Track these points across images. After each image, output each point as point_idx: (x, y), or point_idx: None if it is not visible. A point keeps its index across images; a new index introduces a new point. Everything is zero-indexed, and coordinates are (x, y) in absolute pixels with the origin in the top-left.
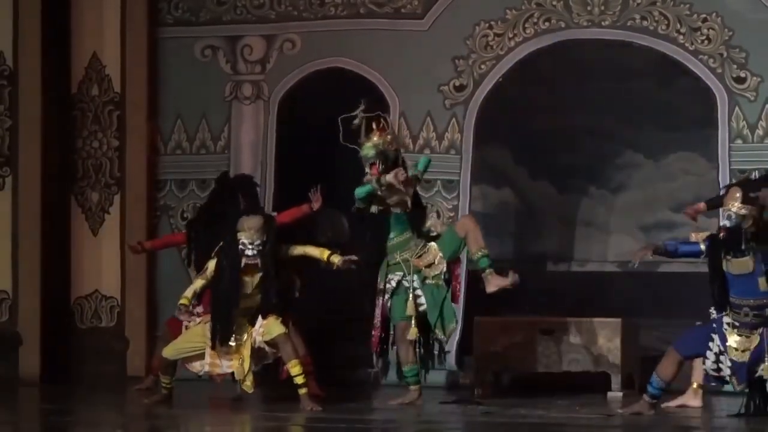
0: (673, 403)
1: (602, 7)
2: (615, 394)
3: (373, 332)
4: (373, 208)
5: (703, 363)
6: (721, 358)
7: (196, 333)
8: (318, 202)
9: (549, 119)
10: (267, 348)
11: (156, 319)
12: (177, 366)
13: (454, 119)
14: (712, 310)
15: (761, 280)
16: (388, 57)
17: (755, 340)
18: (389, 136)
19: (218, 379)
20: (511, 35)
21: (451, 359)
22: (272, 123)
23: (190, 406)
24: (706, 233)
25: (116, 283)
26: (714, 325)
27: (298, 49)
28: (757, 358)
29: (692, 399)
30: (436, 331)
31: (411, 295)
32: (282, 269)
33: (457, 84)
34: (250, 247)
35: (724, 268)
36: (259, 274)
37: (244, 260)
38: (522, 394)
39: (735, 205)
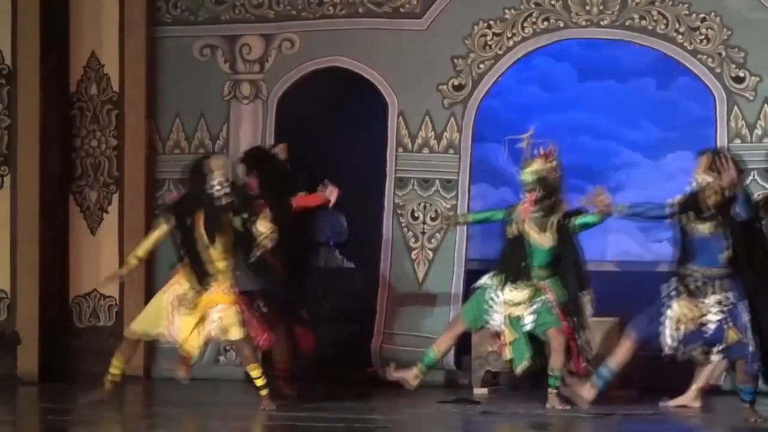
0: (673, 403)
1: (601, 7)
2: (613, 394)
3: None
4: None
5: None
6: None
7: (159, 300)
8: (333, 195)
9: (548, 119)
10: (220, 338)
11: None
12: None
13: (452, 119)
14: (663, 287)
15: (723, 252)
16: (387, 56)
17: (702, 310)
18: (553, 163)
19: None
20: (509, 35)
21: (449, 359)
22: (271, 122)
23: (189, 405)
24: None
25: (115, 283)
26: (663, 294)
27: (297, 48)
28: (713, 333)
29: (693, 400)
30: None
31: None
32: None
33: (456, 83)
34: (225, 185)
35: (687, 230)
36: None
37: (224, 200)
38: (521, 394)
39: (699, 173)
